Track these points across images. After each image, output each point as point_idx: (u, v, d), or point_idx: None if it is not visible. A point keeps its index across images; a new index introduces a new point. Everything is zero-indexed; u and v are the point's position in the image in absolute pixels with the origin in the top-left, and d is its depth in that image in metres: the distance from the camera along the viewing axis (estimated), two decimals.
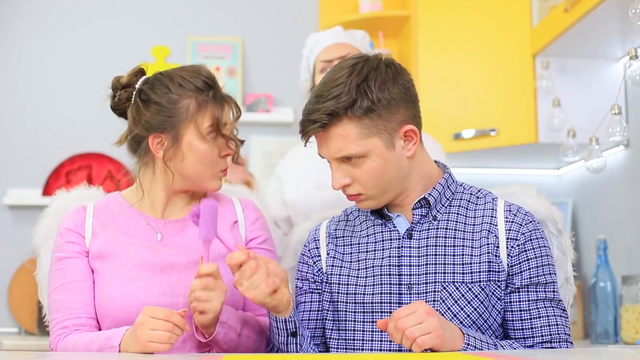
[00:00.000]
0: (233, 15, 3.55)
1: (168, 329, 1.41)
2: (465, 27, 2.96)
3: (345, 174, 1.54)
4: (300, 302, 1.65)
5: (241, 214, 1.75)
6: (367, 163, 1.51)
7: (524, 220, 1.57)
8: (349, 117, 1.49)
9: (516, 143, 2.84)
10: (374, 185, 1.53)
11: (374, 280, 1.55)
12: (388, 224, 1.60)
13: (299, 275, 1.68)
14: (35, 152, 3.38)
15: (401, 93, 1.53)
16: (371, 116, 1.49)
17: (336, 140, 1.51)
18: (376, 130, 1.50)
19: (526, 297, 1.53)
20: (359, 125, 1.49)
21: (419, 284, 1.52)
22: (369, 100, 1.48)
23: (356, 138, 1.50)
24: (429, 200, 1.57)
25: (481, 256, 1.53)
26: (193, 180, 1.66)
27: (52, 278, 1.66)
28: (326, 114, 1.49)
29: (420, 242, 1.56)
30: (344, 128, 1.50)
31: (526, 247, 1.54)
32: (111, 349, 1.47)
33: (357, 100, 1.48)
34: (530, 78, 2.79)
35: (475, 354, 1.35)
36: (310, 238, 1.69)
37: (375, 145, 1.51)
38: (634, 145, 2.67)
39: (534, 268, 1.53)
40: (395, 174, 1.54)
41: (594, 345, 2.50)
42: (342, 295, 1.58)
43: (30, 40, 3.45)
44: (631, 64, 2.11)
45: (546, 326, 1.51)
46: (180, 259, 1.64)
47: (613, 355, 1.37)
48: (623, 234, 2.70)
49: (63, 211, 1.76)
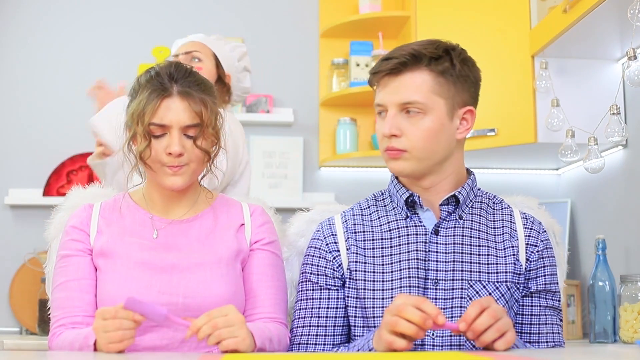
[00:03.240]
0: (233, 15, 3.56)
1: (117, 327, 1.39)
2: (464, 28, 2.97)
3: (398, 124, 1.55)
4: (315, 297, 1.62)
5: (248, 218, 1.74)
6: (425, 120, 1.54)
7: (540, 228, 1.62)
8: (428, 68, 1.54)
9: (515, 143, 2.85)
10: (423, 146, 1.54)
11: (400, 274, 1.55)
12: (413, 219, 1.59)
13: (313, 270, 1.64)
14: (36, 152, 3.39)
15: (476, 79, 1.60)
16: (447, 78, 1.54)
17: (407, 85, 1.53)
18: (446, 93, 1.55)
19: (538, 302, 1.57)
20: (434, 80, 1.54)
21: (445, 280, 1.53)
22: (451, 64, 1.54)
23: (427, 90, 1.53)
24: (458, 198, 1.58)
25: (506, 257, 1.56)
26: (150, 176, 1.68)
27: (55, 275, 1.68)
28: (410, 54, 1.53)
29: (447, 239, 1.57)
30: (420, 75, 1.54)
31: (543, 255, 1.59)
32: (88, 348, 1.48)
33: (442, 57, 1.54)
34: (529, 78, 2.80)
35: (475, 353, 1.35)
36: (325, 232, 1.66)
37: (440, 106, 1.54)
38: (632, 146, 2.68)
39: (548, 276, 1.58)
40: (444, 147, 1.56)
41: (593, 344, 2.51)
42: (368, 291, 1.57)
43: (31, 40, 3.46)
44: (630, 65, 2.12)
45: (550, 333, 1.57)
46: (182, 260, 1.65)
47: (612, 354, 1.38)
48: (622, 234, 2.71)
49: (77, 207, 1.77)
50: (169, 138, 1.61)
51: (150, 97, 1.60)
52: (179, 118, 1.60)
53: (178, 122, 1.60)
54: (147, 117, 1.59)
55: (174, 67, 1.66)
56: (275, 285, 1.68)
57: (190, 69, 1.68)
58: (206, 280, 1.62)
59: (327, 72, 3.46)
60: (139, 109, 1.61)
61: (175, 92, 1.62)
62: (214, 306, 1.60)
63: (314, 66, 3.53)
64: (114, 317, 1.40)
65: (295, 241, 1.80)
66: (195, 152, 1.63)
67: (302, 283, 1.66)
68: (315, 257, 1.64)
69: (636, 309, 2.32)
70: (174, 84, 1.62)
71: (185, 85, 1.63)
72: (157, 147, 1.61)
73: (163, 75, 1.63)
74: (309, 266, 1.65)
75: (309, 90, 3.52)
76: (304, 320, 1.62)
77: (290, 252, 1.81)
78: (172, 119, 1.60)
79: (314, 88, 3.52)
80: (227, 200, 1.78)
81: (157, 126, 1.60)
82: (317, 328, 1.61)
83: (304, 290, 1.64)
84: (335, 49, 3.46)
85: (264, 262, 1.70)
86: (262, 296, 1.66)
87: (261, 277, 1.68)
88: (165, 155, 1.61)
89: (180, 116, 1.60)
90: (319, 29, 3.51)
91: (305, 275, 1.65)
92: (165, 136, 1.61)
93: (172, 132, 1.61)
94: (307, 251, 1.67)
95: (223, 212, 1.74)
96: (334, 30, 3.41)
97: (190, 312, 1.60)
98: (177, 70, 1.65)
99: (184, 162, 1.62)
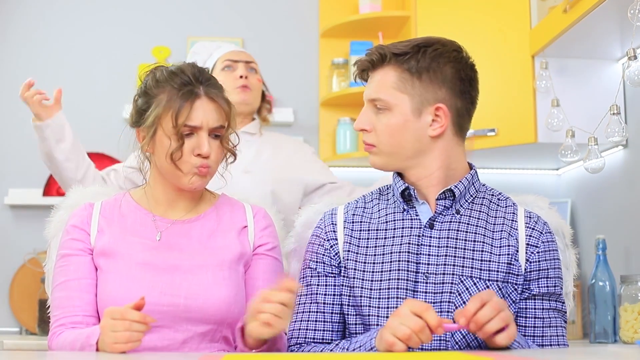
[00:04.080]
0: (233, 15, 3.56)
1: (126, 328, 1.39)
2: (464, 28, 2.97)
3: (368, 119, 1.60)
4: (313, 284, 1.64)
5: (251, 220, 1.74)
6: (389, 116, 1.58)
7: (544, 229, 1.61)
8: (392, 65, 1.58)
9: (515, 143, 2.85)
10: (387, 142, 1.58)
11: (390, 266, 1.56)
12: (410, 212, 1.60)
13: (313, 257, 1.66)
14: (36, 152, 3.37)
15: (453, 77, 1.58)
16: (413, 74, 1.56)
17: (375, 82, 1.60)
18: (411, 90, 1.57)
19: (541, 305, 1.56)
20: (398, 76, 1.57)
21: (436, 274, 1.54)
22: (417, 61, 1.56)
23: (389, 86, 1.57)
24: (454, 192, 1.58)
25: (501, 256, 1.55)
26: (166, 175, 1.67)
27: (55, 275, 1.68)
28: (378, 53, 1.59)
29: (442, 233, 1.57)
30: (385, 72, 1.59)
31: (546, 257, 1.58)
32: (90, 347, 1.48)
33: (408, 54, 1.57)
34: (529, 78, 2.80)
35: (475, 353, 1.35)
36: (326, 220, 1.68)
37: (403, 103, 1.57)
38: (632, 146, 2.68)
39: (551, 278, 1.57)
40: (411, 143, 1.58)
41: (593, 344, 2.51)
42: (358, 280, 1.58)
43: (31, 40, 3.45)
44: (630, 65, 2.11)
45: (554, 336, 1.56)
46: (184, 261, 1.64)
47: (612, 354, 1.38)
48: (622, 234, 2.71)
49: (77, 205, 1.77)
50: (197, 139, 1.62)
51: (182, 97, 1.61)
52: (209, 119, 1.62)
53: (207, 123, 1.62)
54: (182, 118, 1.60)
55: (197, 69, 1.67)
56: None
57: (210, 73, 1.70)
58: (208, 283, 1.63)
59: (327, 72, 3.46)
60: (174, 109, 1.60)
61: (204, 94, 1.63)
62: (216, 308, 1.60)
63: (314, 66, 3.52)
64: (122, 317, 1.40)
65: (303, 232, 1.82)
66: (218, 153, 1.65)
67: (303, 270, 1.68)
68: (315, 245, 1.67)
69: (636, 309, 2.32)
70: (200, 85, 1.64)
71: (211, 87, 1.65)
72: (186, 148, 1.62)
73: (189, 75, 1.64)
74: (309, 253, 1.68)
75: (308, 90, 3.52)
76: (303, 306, 1.64)
77: (298, 243, 1.83)
78: (203, 120, 1.62)
79: (314, 88, 3.52)
80: (229, 201, 1.78)
81: (187, 127, 1.61)
82: (316, 314, 1.62)
83: (304, 277, 1.67)
84: (335, 49, 3.46)
85: (268, 268, 1.72)
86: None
87: (265, 284, 1.68)
88: (193, 156, 1.62)
89: (210, 117, 1.62)
90: (319, 29, 3.51)
91: (305, 262, 1.68)
92: (193, 137, 1.62)
93: (200, 133, 1.62)
94: (310, 239, 1.70)
95: (226, 212, 1.74)
96: (334, 30, 3.41)
97: (191, 313, 1.60)
98: (201, 72, 1.67)
99: (210, 164, 1.64)
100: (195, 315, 1.60)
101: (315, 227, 1.71)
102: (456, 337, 1.51)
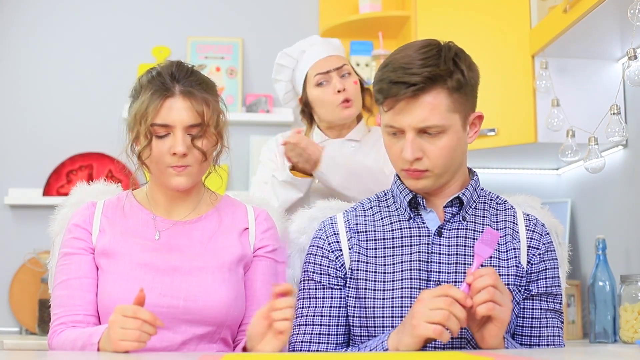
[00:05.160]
0: (233, 15, 3.56)
1: (137, 327, 1.37)
2: (464, 28, 2.97)
3: (419, 147, 1.51)
4: (319, 297, 1.61)
5: (253, 222, 1.73)
6: (444, 139, 1.50)
7: (543, 231, 1.61)
8: (443, 87, 1.48)
9: (515, 143, 2.85)
10: (444, 163, 1.52)
11: (402, 275, 1.54)
12: (416, 220, 1.58)
13: (316, 269, 1.62)
14: (36, 152, 3.39)
15: (478, 78, 1.55)
16: (460, 91, 1.50)
17: (425, 108, 1.47)
18: (461, 107, 1.51)
19: (539, 305, 1.56)
20: (450, 97, 1.49)
21: (447, 282, 1.52)
22: (462, 75, 1.49)
23: (444, 110, 1.48)
24: (462, 200, 1.57)
25: (508, 260, 1.55)
26: (154, 176, 1.67)
27: (56, 273, 1.68)
28: (426, 77, 1.46)
29: (450, 241, 1.56)
30: (436, 97, 1.48)
31: (545, 258, 1.58)
32: (92, 346, 1.47)
33: (454, 72, 1.48)
34: (529, 78, 2.80)
35: (475, 353, 1.35)
36: (327, 231, 1.64)
37: (456, 122, 1.51)
38: (632, 146, 2.68)
39: (550, 279, 1.57)
40: (460, 157, 1.55)
41: (593, 344, 2.51)
42: (369, 291, 1.56)
43: (31, 40, 3.46)
44: (630, 65, 2.12)
45: (551, 336, 1.56)
46: (184, 262, 1.64)
47: (612, 354, 1.38)
48: (622, 234, 2.71)
49: (81, 203, 1.76)
50: (172, 138, 1.60)
51: (153, 97, 1.59)
52: (182, 118, 1.60)
53: (181, 121, 1.60)
54: (150, 117, 1.59)
55: (176, 66, 1.65)
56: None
57: (191, 68, 1.67)
58: (208, 284, 1.62)
59: None
60: (142, 109, 1.60)
61: (178, 92, 1.61)
62: (215, 310, 1.60)
63: None
64: (135, 315, 1.38)
65: (297, 238, 1.79)
66: (196, 152, 1.62)
67: (305, 282, 1.64)
68: (318, 257, 1.63)
69: (636, 309, 2.32)
70: (176, 84, 1.62)
71: (187, 84, 1.62)
72: (161, 148, 1.60)
73: (165, 75, 1.62)
74: (311, 265, 1.64)
75: None
76: (306, 318, 1.61)
77: (292, 250, 1.80)
78: (175, 118, 1.59)
79: None
80: (232, 202, 1.77)
81: (160, 126, 1.60)
82: (320, 327, 1.59)
83: (307, 289, 1.63)
84: None
85: (267, 270, 1.70)
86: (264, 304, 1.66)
87: (264, 285, 1.67)
88: (169, 155, 1.60)
89: (183, 116, 1.60)
90: (319, 29, 3.50)
91: (307, 274, 1.64)
92: (169, 136, 1.60)
93: (175, 132, 1.60)
94: (309, 250, 1.66)
95: (227, 214, 1.73)
96: (334, 30, 3.40)
97: (190, 315, 1.60)
98: (179, 69, 1.64)
99: (188, 162, 1.62)
100: (194, 317, 1.60)
101: (314, 237, 1.67)
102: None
